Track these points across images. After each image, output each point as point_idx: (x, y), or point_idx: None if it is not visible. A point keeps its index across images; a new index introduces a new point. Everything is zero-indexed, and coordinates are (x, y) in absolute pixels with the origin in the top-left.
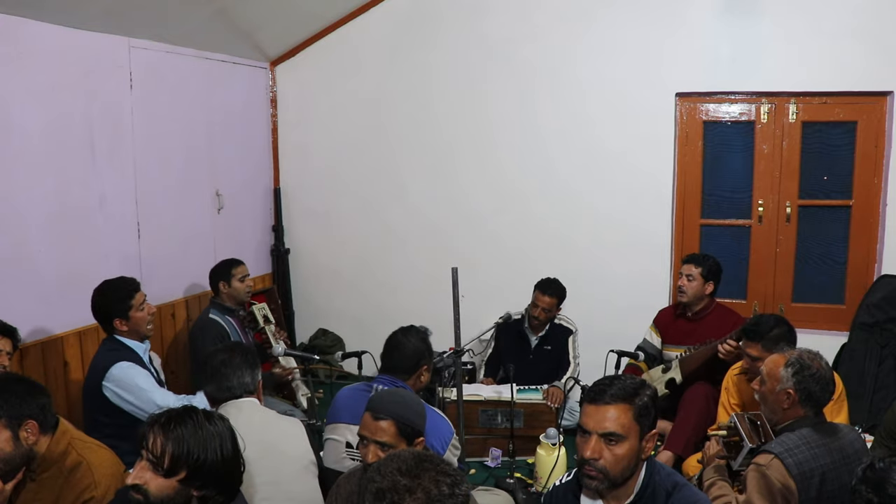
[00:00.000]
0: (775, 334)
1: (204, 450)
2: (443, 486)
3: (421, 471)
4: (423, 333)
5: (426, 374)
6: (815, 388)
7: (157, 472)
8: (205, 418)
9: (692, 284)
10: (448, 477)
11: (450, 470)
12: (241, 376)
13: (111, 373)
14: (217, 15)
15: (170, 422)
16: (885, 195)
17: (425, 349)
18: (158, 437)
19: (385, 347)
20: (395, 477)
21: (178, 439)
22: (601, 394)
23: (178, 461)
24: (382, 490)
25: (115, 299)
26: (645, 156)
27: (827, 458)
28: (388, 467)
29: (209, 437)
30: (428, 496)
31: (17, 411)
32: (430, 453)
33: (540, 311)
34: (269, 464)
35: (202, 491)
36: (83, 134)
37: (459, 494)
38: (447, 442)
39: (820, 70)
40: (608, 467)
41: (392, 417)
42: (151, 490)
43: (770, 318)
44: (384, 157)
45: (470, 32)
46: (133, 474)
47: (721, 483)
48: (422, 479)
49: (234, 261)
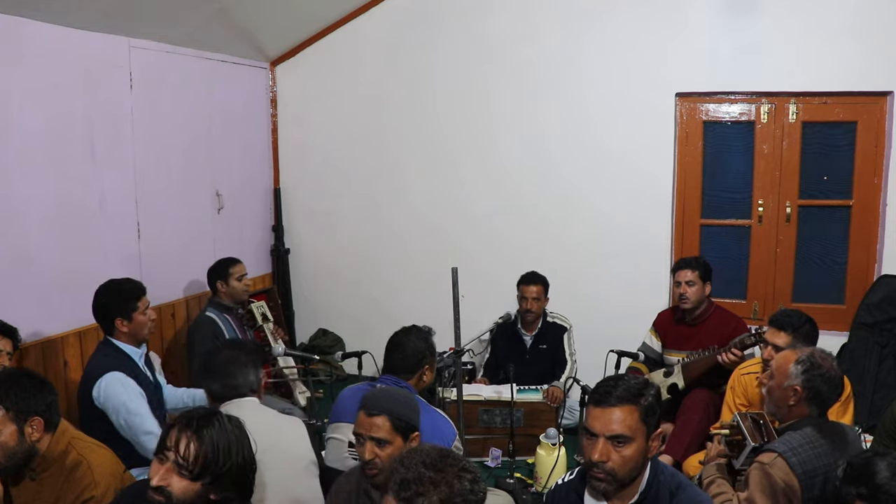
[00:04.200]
0: (806, 329)
1: (228, 454)
2: (465, 481)
3: (445, 465)
4: (425, 333)
5: (429, 374)
6: (824, 387)
7: (182, 475)
8: (229, 422)
9: (693, 289)
10: (469, 473)
11: (470, 466)
12: (247, 374)
13: (100, 385)
14: (217, 15)
15: (199, 426)
16: (885, 195)
17: (427, 349)
18: (191, 442)
19: (387, 348)
20: (420, 469)
21: (210, 443)
22: (607, 396)
23: (207, 466)
24: (408, 481)
25: (121, 298)
26: (645, 156)
27: (830, 458)
28: (412, 460)
29: (233, 441)
30: (451, 490)
31: (24, 406)
32: (450, 450)
33: (530, 303)
34: (269, 463)
35: (220, 494)
36: (83, 134)
37: (479, 491)
38: (450, 443)
39: (820, 70)
40: (616, 469)
41: (385, 413)
42: (175, 492)
43: (801, 313)
44: (384, 156)
45: (470, 32)
46: (158, 476)
47: (720, 481)
48: (446, 474)
49: (232, 260)
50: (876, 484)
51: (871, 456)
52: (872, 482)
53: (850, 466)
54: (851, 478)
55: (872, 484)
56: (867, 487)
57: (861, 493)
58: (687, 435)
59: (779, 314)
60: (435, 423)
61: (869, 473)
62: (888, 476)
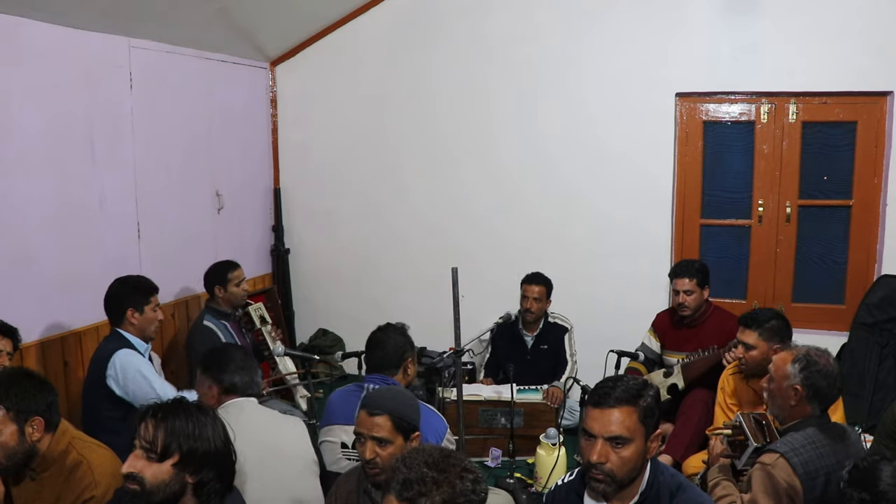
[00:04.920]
0: (773, 325)
1: (196, 435)
2: (467, 481)
3: (447, 465)
4: (401, 328)
5: (412, 367)
6: (823, 383)
7: (150, 458)
8: (195, 408)
9: (692, 298)
10: (471, 474)
11: (472, 467)
12: (258, 375)
13: (114, 360)
14: (217, 15)
15: (160, 410)
16: (885, 195)
17: (406, 342)
18: (150, 424)
19: (367, 347)
20: (423, 469)
21: (170, 424)
22: (605, 397)
23: (170, 444)
24: (410, 481)
25: (136, 291)
26: (645, 156)
27: (832, 459)
28: (414, 460)
29: (200, 424)
30: (453, 490)
31: (25, 406)
32: (452, 450)
33: (531, 303)
34: (271, 463)
35: (196, 476)
36: (83, 134)
37: (481, 492)
38: (441, 436)
39: (820, 70)
40: (615, 470)
41: (387, 412)
42: (147, 477)
43: (768, 310)
44: (384, 156)
45: (470, 32)
46: (127, 463)
47: (725, 483)
48: (448, 474)
49: (230, 264)
50: (879, 491)
51: (877, 460)
52: (875, 488)
53: (855, 469)
54: (855, 482)
55: (875, 490)
56: (870, 493)
57: (863, 497)
58: (687, 435)
59: (746, 313)
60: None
61: (873, 479)
62: (892, 483)
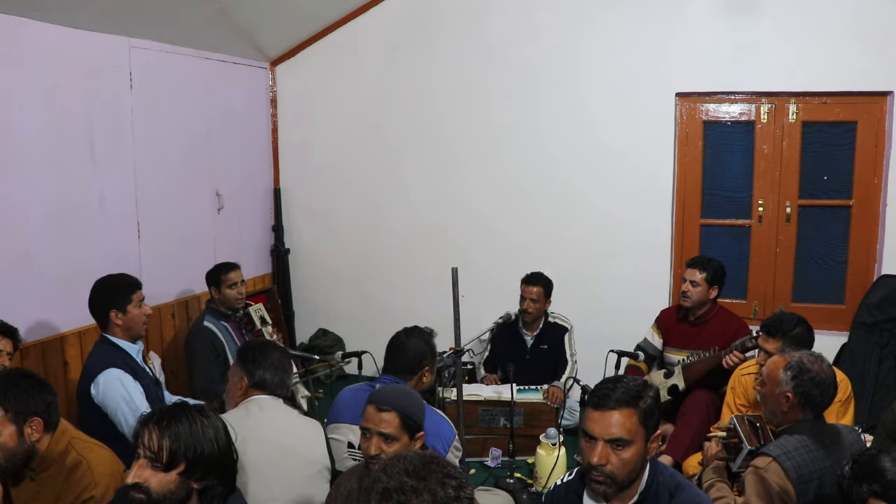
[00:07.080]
0: (797, 333)
1: (200, 441)
2: (448, 488)
3: (427, 472)
4: (426, 334)
5: (429, 375)
6: (815, 391)
7: (155, 468)
8: (197, 412)
9: (696, 290)
10: (454, 479)
11: (455, 472)
12: (289, 378)
13: (98, 382)
14: (217, 15)
15: (163, 417)
16: (885, 195)
17: (427, 350)
18: (154, 433)
19: (387, 348)
20: (402, 478)
21: (174, 432)
22: (605, 399)
23: (176, 453)
24: (389, 490)
25: (116, 290)
26: (645, 155)
27: (826, 462)
28: (394, 468)
29: (203, 428)
30: (434, 498)
31: (23, 407)
32: (435, 455)
33: (529, 303)
34: (279, 463)
35: (202, 482)
36: (83, 134)
37: (465, 497)
38: (449, 443)
39: (820, 70)
40: (615, 472)
41: (396, 409)
42: (153, 487)
43: (792, 316)
44: (384, 156)
45: (470, 32)
46: (132, 473)
47: (720, 485)
48: (428, 481)
49: (226, 266)
50: (888, 480)
51: (875, 453)
52: (884, 478)
53: (856, 465)
54: (862, 476)
55: (884, 481)
56: (880, 485)
57: (875, 490)
58: (687, 436)
59: (770, 319)
60: (434, 422)
61: (878, 470)
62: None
